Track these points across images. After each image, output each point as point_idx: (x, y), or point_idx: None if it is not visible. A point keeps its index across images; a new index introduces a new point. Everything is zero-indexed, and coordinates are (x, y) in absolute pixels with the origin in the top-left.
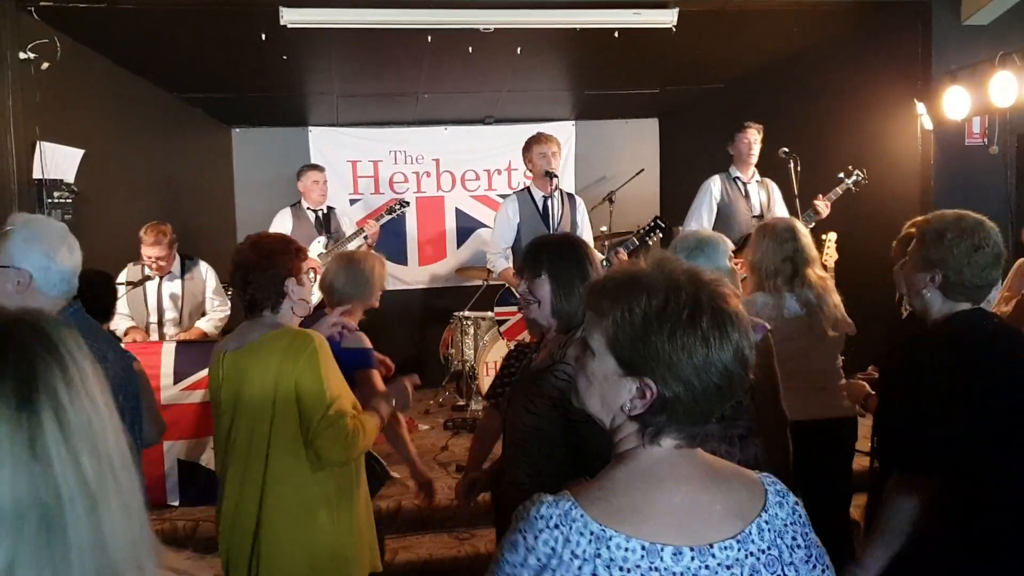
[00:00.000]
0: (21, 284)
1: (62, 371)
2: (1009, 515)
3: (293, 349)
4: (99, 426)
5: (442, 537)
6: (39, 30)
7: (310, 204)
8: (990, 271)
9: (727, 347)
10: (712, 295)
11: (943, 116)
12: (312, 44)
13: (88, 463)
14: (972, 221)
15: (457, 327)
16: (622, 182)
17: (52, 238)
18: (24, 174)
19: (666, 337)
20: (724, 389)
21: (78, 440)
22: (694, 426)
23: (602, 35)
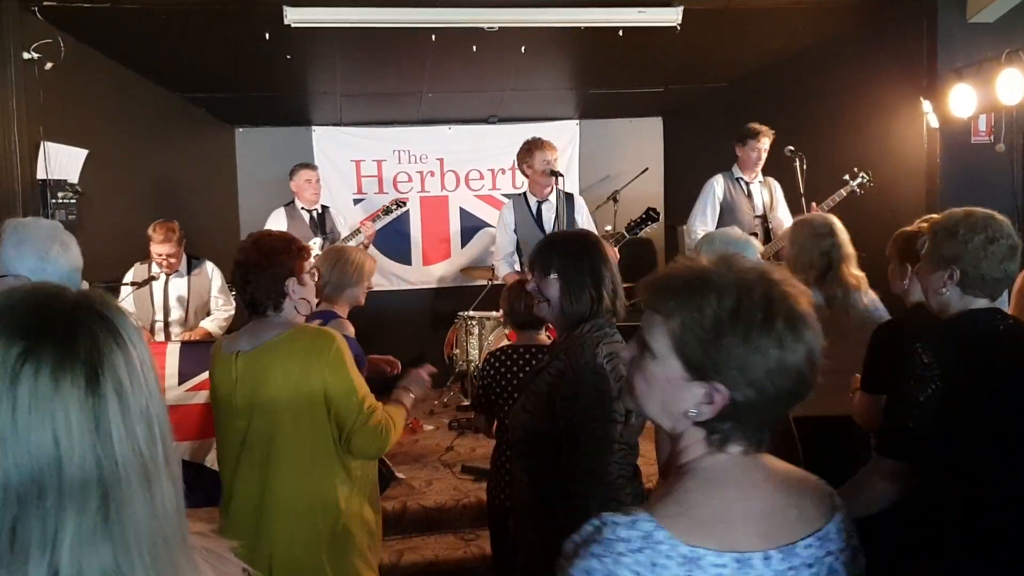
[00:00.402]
0: None
1: (124, 353)
2: (1008, 515)
3: (317, 349)
4: (154, 406)
5: (447, 538)
6: (43, 30)
7: (304, 204)
8: (1008, 263)
9: (800, 348)
10: (784, 295)
11: (949, 114)
12: (316, 43)
13: (144, 440)
14: (982, 215)
15: (462, 327)
16: (626, 181)
17: (42, 239)
18: (28, 174)
19: (740, 340)
20: (796, 392)
21: (135, 419)
22: (761, 431)
23: (606, 34)
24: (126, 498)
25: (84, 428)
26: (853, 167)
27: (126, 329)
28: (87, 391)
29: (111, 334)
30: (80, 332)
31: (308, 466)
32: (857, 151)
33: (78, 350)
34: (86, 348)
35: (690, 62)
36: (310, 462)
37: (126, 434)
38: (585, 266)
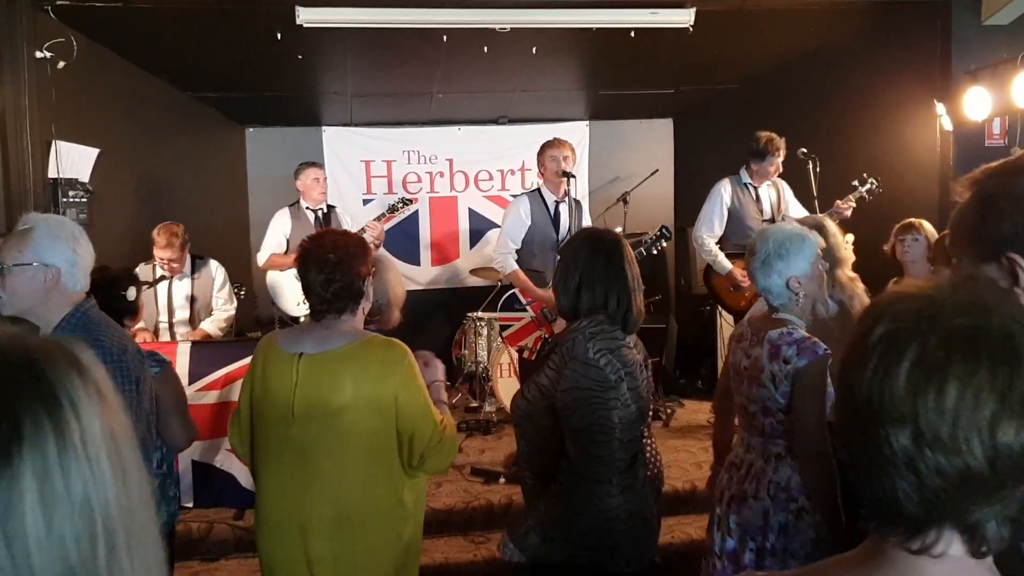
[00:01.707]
0: (49, 280)
1: (58, 424)
2: None
3: (391, 362)
4: (99, 494)
5: (458, 540)
6: (55, 29)
7: (309, 203)
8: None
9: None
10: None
11: (963, 117)
12: (327, 43)
13: (73, 541)
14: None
15: (470, 328)
16: (636, 182)
17: (73, 233)
18: (39, 173)
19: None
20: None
21: (64, 513)
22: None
23: (618, 35)
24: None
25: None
26: (866, 170)
27: (72, 392)
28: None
29: (41, 401)
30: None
31: (374, 481)
32: (870, 153)
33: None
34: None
35: (701, 63)
36: (376, 477)
37: (45, 534)
38: (577, 262)
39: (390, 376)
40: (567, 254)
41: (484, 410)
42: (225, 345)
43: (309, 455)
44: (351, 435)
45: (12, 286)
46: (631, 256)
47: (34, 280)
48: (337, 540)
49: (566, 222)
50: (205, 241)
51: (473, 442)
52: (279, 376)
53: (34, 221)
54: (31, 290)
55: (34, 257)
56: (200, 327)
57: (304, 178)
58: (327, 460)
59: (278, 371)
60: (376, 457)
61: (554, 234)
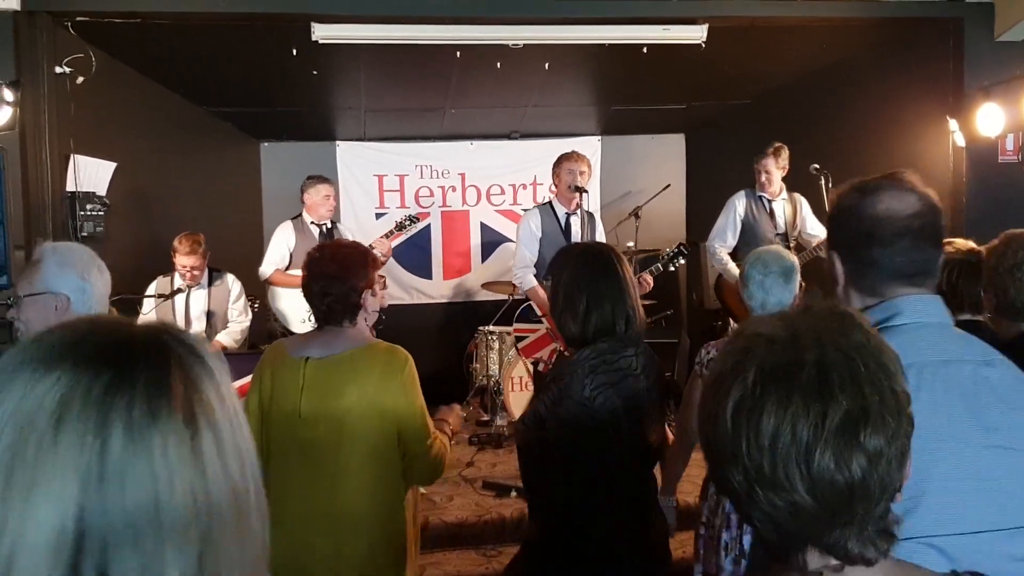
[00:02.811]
0: (59, 308)
1: (214, 384)
2: None
3: (391, 368)
4: (243, 441)
5: (469, 554)
6: (75, 44)
7: (315, 218)
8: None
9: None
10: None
11: (976, 133)
12: (342, 59)
13: (238, 476)
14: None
15: (482, 342)
16: (648, 198)
17: (83, 261)
18: (58, 186)
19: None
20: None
21: (229, 454)
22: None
23: (630, 51)
24: (223, 538)
25: (184, 463)
26: None
27: (212, 360)
28: (184, 423)
29: (200, 364)
30: (172, 359)
31: (377, 481)
32: (882, 170)
33: (172, 378)
34: (179, 376)
35: (713, 79)
36: (380, 477)
37: (222, 470)
38: (583, 283)
39: (391, 380)
40: (565, 278)
41: (495, 424)
42: (241, 357)
43: (315, 455)
44: (355, 437)
45: (26, 315)
46: (623, 258)
47: (45, 308)
48: (338, 537)
49: (577, 234)
50: (220, 254)
51: (484, 456)
52: (287, 379)
53: (44, 252)
54: (43, 318)
55: (43, 287)
56: (216, 339)
57: (314, 193)
58: (331, 460)
59: (286, 375)
60: (378, 459)
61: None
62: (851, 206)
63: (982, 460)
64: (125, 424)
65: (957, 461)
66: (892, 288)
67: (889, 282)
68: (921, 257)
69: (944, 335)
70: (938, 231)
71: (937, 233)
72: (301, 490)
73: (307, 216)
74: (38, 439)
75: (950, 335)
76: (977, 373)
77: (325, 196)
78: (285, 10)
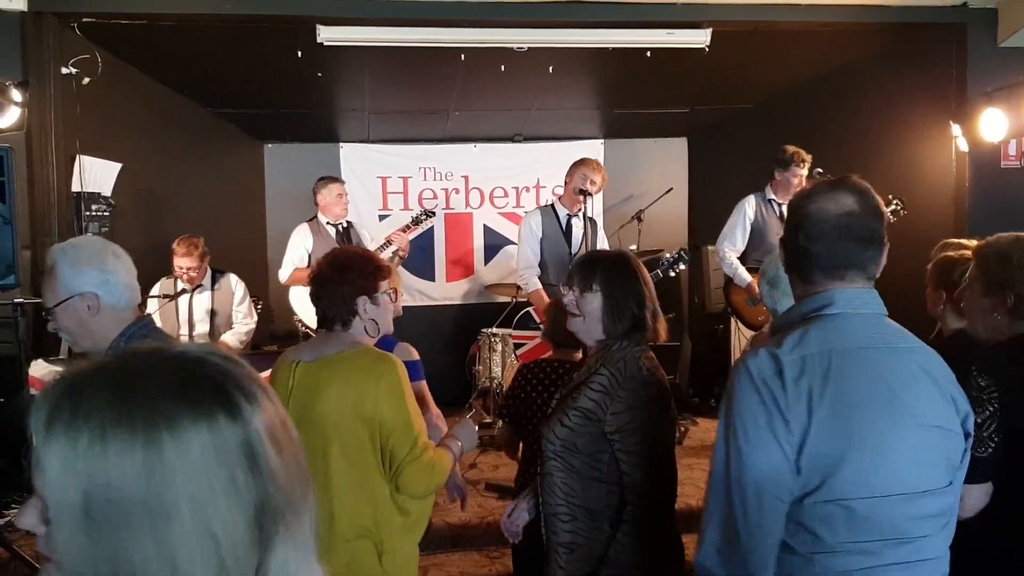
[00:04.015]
0: (92, 307)
1: (262, 405)
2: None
3: (376, 372)
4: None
5: (472, 556)
6: (81, 46)
7: (330, 218)
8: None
9: None
10: None
11: (979, 138)
12: (347, 61)
13: (285, 481)
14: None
15: (485, 344)
16: (650, 201)
17: (95, 253)
18: (63, 187)
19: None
20: None
21: (285, 460)
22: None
23: (634, 55)
24: (272, 542)
25: (241, 471)
26: (881, 191)
27: (258, 380)
28: (240, 441)
29: (249, 385)
30: (228, 381)
31: (355, 490)
32: (886, 174)
33: (230, 395)
34: (237, 394)
35: (717, 83)
36: (358, 486)
37: (276, 477)
38: (629, 286)
39: (373, 386)
40: (613, 286)
41: (498, 426)
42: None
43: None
44: (332, 440)
45: (64, 325)
46: (642, 269)
47: (77, 311)
48: (324, 540)
49: (579, 236)
50: (223, 255)
51: (487, 458)
52: (280, 384)
53: (54, 256)
54: (80, 322)
55: (65, 292)
56: (221, 339)
57: (327, 193)
58: (318, 463)
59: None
60: (362, 463)
61: (566, 247)
62: (793, 202)
63: (894, 433)
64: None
65: (872, 433)
66: (822, 279)
67: (818, 273)
68: (844, 252)
69: (870, 324)
70: (868, 231)
71: (866, 233)
72: None
73: (322, 217)
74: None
75: (876, 324)
76: (898, 358)
77: (338, 195)
78: (291, 12)
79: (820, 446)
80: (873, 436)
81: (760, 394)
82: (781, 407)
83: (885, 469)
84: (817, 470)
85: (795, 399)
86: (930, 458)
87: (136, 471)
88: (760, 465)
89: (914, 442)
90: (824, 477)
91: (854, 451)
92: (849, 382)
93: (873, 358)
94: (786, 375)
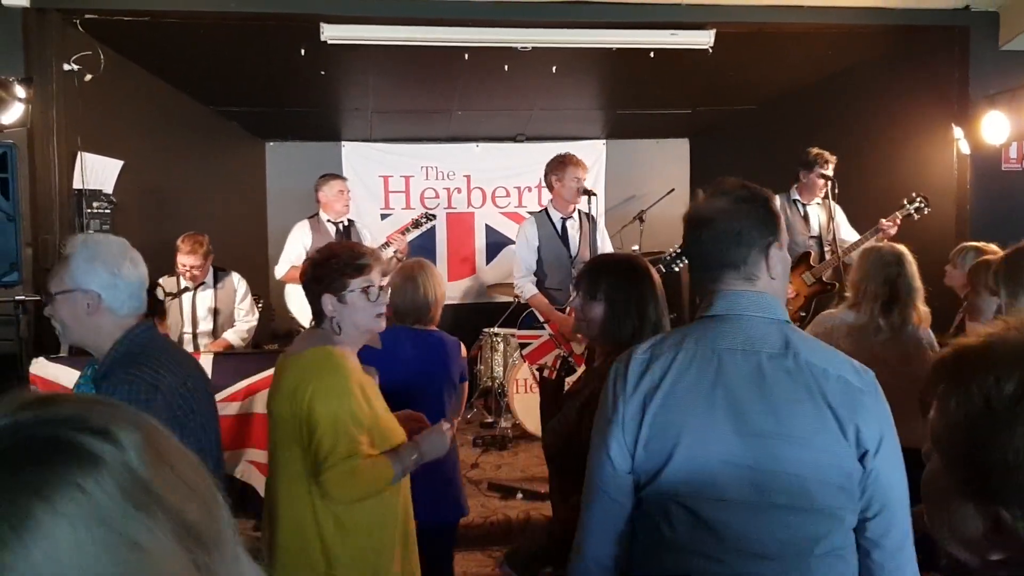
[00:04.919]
0: (91, 306)
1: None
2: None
3: (310, 371)
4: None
5: (475, 555)
6: (84, 42)
7: (331, 216)
8: None
9: None
10: None
11: (981, 141)
12: (350, 60)
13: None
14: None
15: (486, 344)
16: (652, 202)
17: (113, 254)
18: (65, 184)
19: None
20: None
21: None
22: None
23: (637, 55)
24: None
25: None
26: (884, 193)
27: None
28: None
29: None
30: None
31: (291, 482)
32: (888, 176)
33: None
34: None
35: (719, 84)
36: (293, 478)
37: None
38: (632, 292)
39: (308, 385)
40: (617, 294)
41: (500, 426)
42: (247, 356)
43: (270, 447)
44: (279, 439)
45: (60, 315)
46: (651, 273)
47: (76, 306)
48: (269, 527)
49: (575, 238)
50: (224, 253)
51: (489, 458)
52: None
53: (74, 245)
54: (75, 317)
55: (72, 283)
56: (223, 337)
57: (328, 190)
58: (272, 453)
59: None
60: (293, 458)
61: (565, 251)
62: (687, 207)
63: (718, 437)
64: None
65: (693, 434)
66: (704, 281)
67: (699, 274)
68: (717, 251)
69: (743, 327)
70: (733, 230)
71: (732, 231)
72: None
73: (323, 214)
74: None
75: (749, 327)
76: (761, 363)
77: (339, 192)
78: (295, 10)
79: (651, 441)
80: (693, 436)
81: (608, 392)
82: (619, 403)
83: (708, 471)
84: (650, 465)
85: (632, 394)
86: (784, 470)
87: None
88: (594, 460)
89: (754, 450)
90: (655, 471)
91: (680, 448)
92: (685, 381)
93: (726, 360)
94: (631, 372)
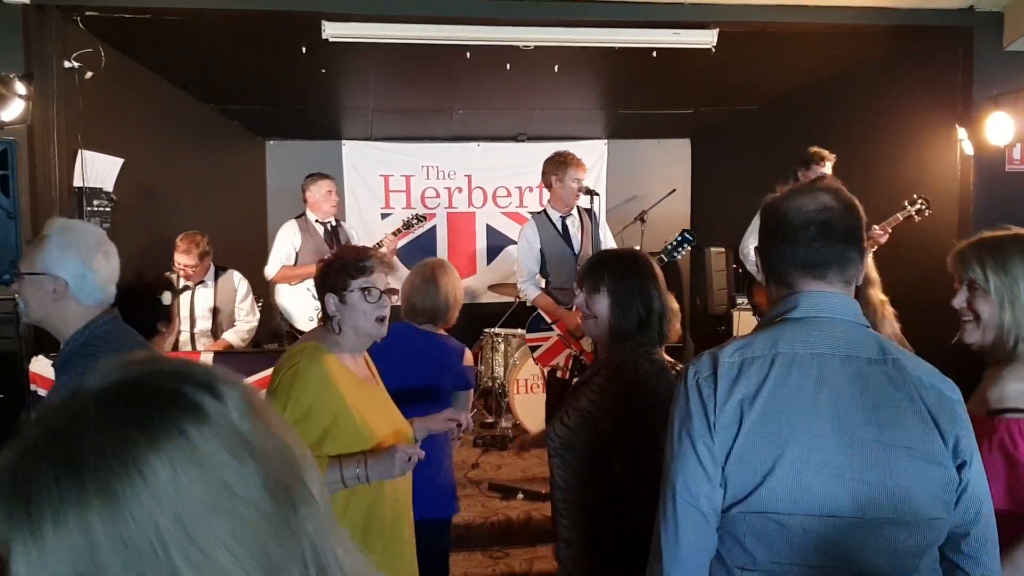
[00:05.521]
0: (57, 292)
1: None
2: None
3: (287, 360)
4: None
5: (476, 556)
6: (84, 40)
7: (319, 216)
8: None
9: None
10: None
11: (984, 142)
12: (351, 58)
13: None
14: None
15: (488, 344)
16: (654, 202)
17: (88, 245)
18: (65, 181)
19: None
20: None
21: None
22: None
23: (639, 55)
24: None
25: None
26: (887, 194)
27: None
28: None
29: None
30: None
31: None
32: (891, 177)
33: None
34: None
35: (722, 84)
36: None
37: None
38: (635, 285)
39: (280, 370)
40: (619, 286)
41: (500, 426)
42: (247, 356)
43: None
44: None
45: (25, 294)
46: (652, 267)
47: (42, 290)
48: None
49: (576, 235)
50: (224, 252)
51: (490, 458)
52: None
53: (52, 229)
54: (40, 300)
55: (42, 267)
56: (223, 337)
57: (316, 190)
58: None
59: None
60: None
61: (568, 249)
62: (768, 205)
63: (822, 447)
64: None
65: (797, 445)
66: (799, 280)
67: (795, 273)
68: (823, 249)
69: (836, 330)
70: (847, 228)
71: (845, 230)
72: None
73: (311, 214)
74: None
75: (843, 331)
76: (861, 369)
77: (327, 192)
78: (296, 8)
79: (747, 453)
80: (799, 447)
81: (692, 398)
82: (709, 410)
83: (812, 485)
84: (746, 478)
85: (725, 402)
86: (890, 482)
87: (115, 539)
88: (681, 472)
89: (858, 460)
90: (752, 486)
91: (784, 460)
92: (786, 388)
93: (826, 365)
94: (720, 377)
